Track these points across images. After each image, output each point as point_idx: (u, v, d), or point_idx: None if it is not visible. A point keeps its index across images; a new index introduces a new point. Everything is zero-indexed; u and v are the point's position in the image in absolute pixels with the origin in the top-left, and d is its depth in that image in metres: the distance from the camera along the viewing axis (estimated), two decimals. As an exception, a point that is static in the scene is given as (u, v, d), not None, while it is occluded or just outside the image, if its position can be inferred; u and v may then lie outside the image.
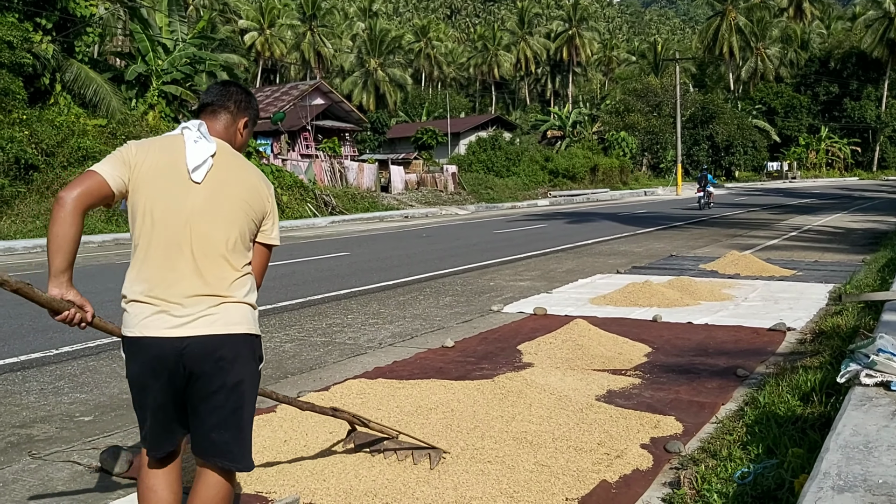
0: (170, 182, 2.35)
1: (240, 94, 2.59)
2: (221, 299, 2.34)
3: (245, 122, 2.60)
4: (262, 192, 2.50)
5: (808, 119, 69.22)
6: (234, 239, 2.38)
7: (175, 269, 2.31)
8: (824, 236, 16.21)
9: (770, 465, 3.24)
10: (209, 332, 2.30)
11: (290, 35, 69.81)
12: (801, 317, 7.04)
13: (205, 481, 2.43)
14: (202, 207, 2.35)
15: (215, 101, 2.55)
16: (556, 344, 5.86)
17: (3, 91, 19.59)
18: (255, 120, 2.64)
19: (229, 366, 2.34)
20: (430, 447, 3.60)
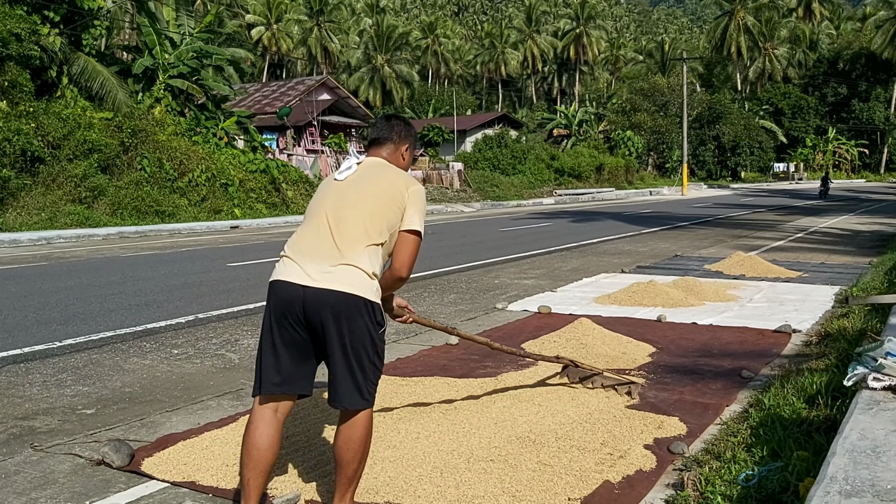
0: (324, 187, 3.07)
1: (399, 126, 3.19)
2: (341, 262, 2.81)
3: (406, 147, 3.20)
4: (396, 188, 2.96)
5: (816, 120, 69.00)
6: (361, 221, 2.87)
7: (313, 239, 2.90)
8: (831, 238, 16.14)
9: (775, 467, 3.21)
10: (323, 286, 2.77)
11: (297, 30, 69.85)
12: (806, 319, 7.00)
13: (341, 419, 2.89)
14: (338, 196, 2.95)
15: (379, 136, 3.17)
16: (560, 343, 5.83)
17: (11, 83, 19.62)
18: (414, 144, 3.25)
19: (336, 319, 2.78)
20: (630, 381, 4.31)
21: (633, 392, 4.09)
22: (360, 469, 2.89)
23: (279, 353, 2.86)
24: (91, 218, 19.25)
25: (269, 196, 25.30)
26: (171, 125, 23.70)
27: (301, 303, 2.79)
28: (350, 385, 2.82)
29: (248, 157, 25.54)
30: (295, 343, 2.86)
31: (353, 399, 2.84)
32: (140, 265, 11.99)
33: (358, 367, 2.82)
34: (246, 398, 4.73)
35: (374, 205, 2.91)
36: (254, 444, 2.85)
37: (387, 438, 3.81)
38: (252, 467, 2.84)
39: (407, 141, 3.19)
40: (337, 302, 2.77)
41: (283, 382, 2.88)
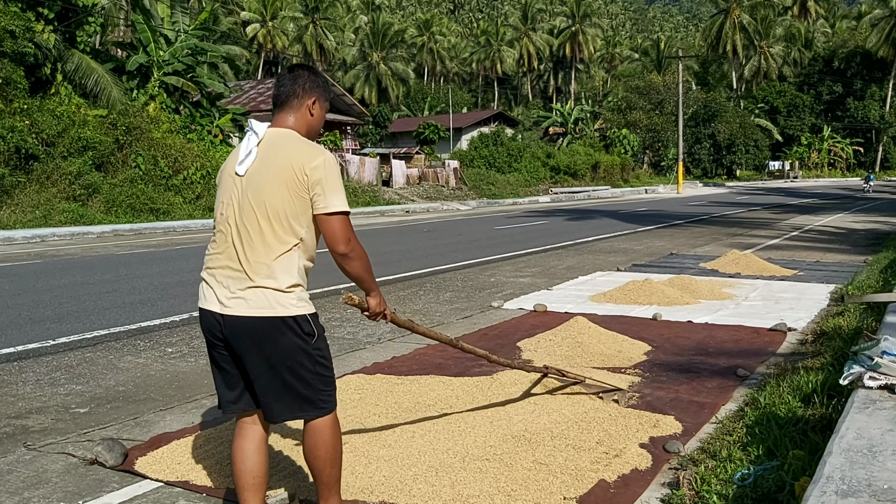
0: (224, 183, 2.72)
1: (303, 76, 2.74)
2: (250, 285, 2.60)
3: (313, 100, 2.74)
4: (292, 170, 2.58)
5: (811, 118, 69.13)
6: (265, 229, 2.59)
7: (222, 256, 2.66)
8: (826, 236, 16.16)
9: (770, 466, 3.21)
10: (236, 314, 2.60)
11: (292, 27, 69.70)
12: (802, 317, 7.00)
13: (303, 430, 2.79)
14: (239, 198, 2.64)
15: (280, 93, 2.75)
16: (556, 341, 5.82)
17: (5, 80, 19.53)
18: (324, 95, 2.78)
19: (258, 344, 2.61)
20: (617, 389, 4.10)
21: (620, 399, 3.97)
22: (334, 472, 2.80)
23: (225, 374, 2.76)
24: (85, 215, 19.18)
25: (265, 194, 25.21)
26: (165, 122, 23.63)
27: (220, 330, 2.65)
28: (292, 400, 2.68)
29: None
30: (234, 364, 2.74)
31: (300, 411, 2.72)
32: (134, 263, 11.95)
33: (297, 381, 2.67)
34: (240, 397, 4.71)
35: (275, 200, 2.58)
36: (240, 468, 2.78)
37: (381, 437, 3.79)
38: (244, 487, 2.78)
39: (313, 93, 2.74)
40: (254, 328, 2.60)
41: (238, 400, 2.78)
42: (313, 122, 2.76)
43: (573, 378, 3.99)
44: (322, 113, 2.79)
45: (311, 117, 2.75)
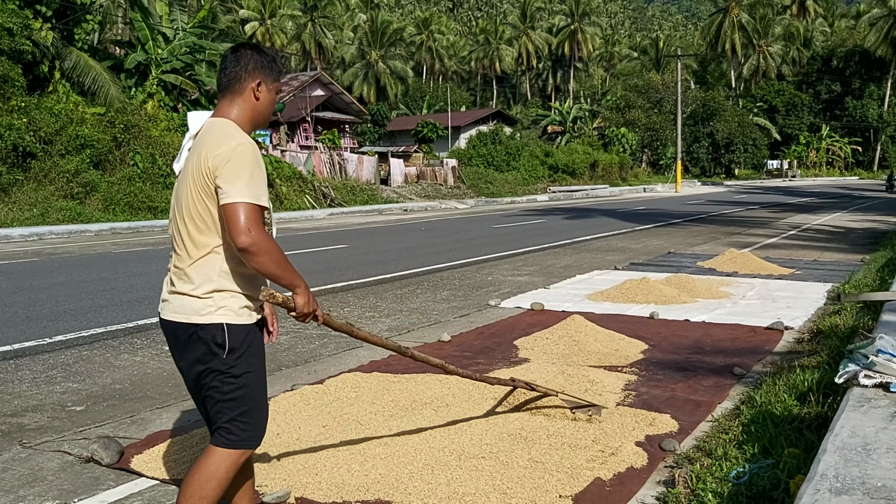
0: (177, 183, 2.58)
1: (247, 56, 2.48)
2: (173, 287, 2.48)
3: (258, 82, 2.48)
4: (200, 163, 2.36)
5: (810, 117, 69.16)
6: (184, 231, 2.44)
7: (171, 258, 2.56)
8: (823, 235, 16.18)
9: (766, 465, 3.21)
10: (164, 317, 2.51)
11: (290, 25, 69.62)
12: (798, 316, 7.01)
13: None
14: (173, 199, 2.53)
15: (222, 75, 2.51)
16: (553, 340, 5.83)
17: (3, 78, 19.50)
18: (273, 76, 2.51)
19: (182, 352, 2.49)
20: (591, 404, 3.85)
21: (594, 416, 3.76)
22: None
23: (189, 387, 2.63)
24: (83, 214, 19.16)
25: (263, 192, 25.22)
26: (163, 120, 23.61)
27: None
28: (213, 422, 2.51)
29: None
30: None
31: (211, 433, 2.54)
32: (132, 261, 11.95)
33: (207, 399, 2.48)
34: (237, 395, 4.71)
35: (188, 200, 2.41)
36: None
37: (378, 435, 3.79)
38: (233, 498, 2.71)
39: (257, 74, 2.47)
40: (173, 332, 2.48)
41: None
42: (259, 107, 2.49)
43: (543, 391, 3.75)
44: (270, 96, 2.51)
45: (257, 101, 2.48)
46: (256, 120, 2.50)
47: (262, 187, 2.33)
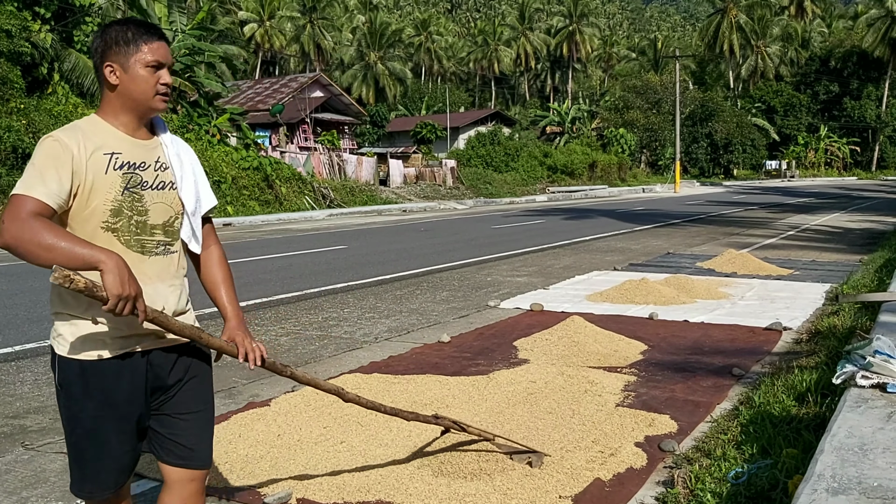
0: None
1: (96, 42, 2.10)
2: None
3: (109, 67, 2.06)
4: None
5: (808, 118, 69.23)
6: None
7: None
8: (822, 236, 16.21)
9: (764, 465, 3.23)
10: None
11: (289, 27, 69.66)
12: (797, 316, 7.03)
13: None
14: None
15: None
16: (553, 340, 5.85)
17: (2, 80, 19.51)
18: (126, 52, 2.04)
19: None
20: (531, 451, 3.52)
21: (534, 463, 3.44)
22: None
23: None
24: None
25: (262, 193, 25.27)
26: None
27: None
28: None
29: (240, 155, 25.49)
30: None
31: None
32: (132, 263, 11.94)
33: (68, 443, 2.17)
34: (238, 396, 4.73)
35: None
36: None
37: (378, 437, 3.82)
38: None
39: (107, 56, 2.06)
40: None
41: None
42: (124, 91, 2.05)
43: (477, 435, 3.46)
44: (129, 75, 2.04)
45: (119, 86, 2.04)
46: (129, 106, 2.07)
47: (40, 178, 1.94)
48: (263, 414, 4.18)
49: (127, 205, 2.06)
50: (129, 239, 2.08)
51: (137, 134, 2.14)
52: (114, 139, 2.08)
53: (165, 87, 2.09)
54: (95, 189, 2.01)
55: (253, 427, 3.97)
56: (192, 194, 2.24)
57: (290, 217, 23.08)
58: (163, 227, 2.16)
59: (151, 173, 2.13)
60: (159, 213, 2.14)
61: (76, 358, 2.05)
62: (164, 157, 2.19)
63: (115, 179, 2.04)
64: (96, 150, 2.03)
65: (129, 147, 2.09)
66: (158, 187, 2.15)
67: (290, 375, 2.49)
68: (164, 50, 2.11)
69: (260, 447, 3.70)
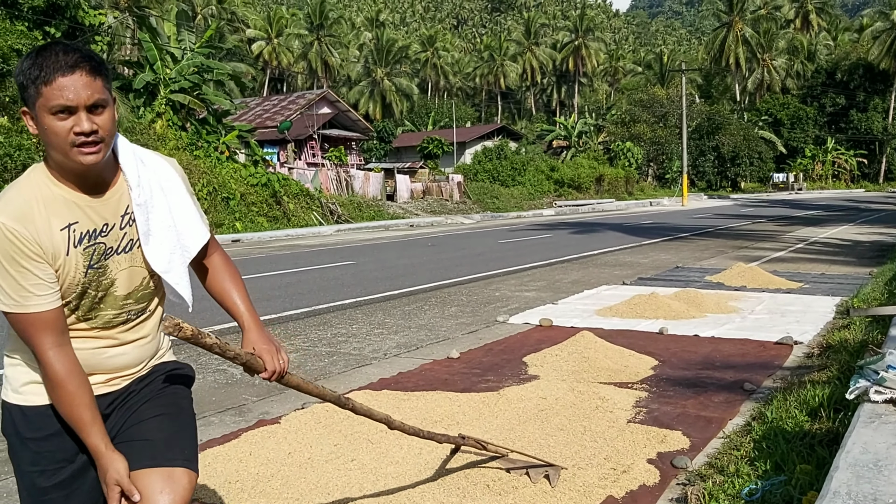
0: None
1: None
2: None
3: (24, 112, 1.73)
4: None
5: (815, 130, 69.19)
6: None
7: None
8: (831, 248, 16.15)
9: (778, 481, 3.21)
10: None
11: (297, 44, 70.21)
12: (808, 330, 6.99)
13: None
14: None
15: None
16: (562, 356, 5.83)
17: (12, 99, 19.70)
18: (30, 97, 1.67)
19: None
20: (548, 464, 3.48)
21: (552, 478, 3.40)
22: None
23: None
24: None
25: (271, 209, 25.37)
26: (172, 140, 23.78)
27: None
28: None
29: (249, 171, 25.63)
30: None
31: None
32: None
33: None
34: (248, 414, 4.73)
35: None
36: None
37: (389, 454, 3.81)
38: None
39: (24, 102, 1.71)
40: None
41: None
42: (44, 137, 1.68)
43: (494, 451, 3.41)
44: (40, 120, 1.67)
45: (38, 132, 1.70)
46: (51, 153, 1.71)
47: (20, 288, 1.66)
48: (274, 431, 4.17)
49: (93, 284, 1.75)
50: (93, 317, 1.79)
51: (95, 188, 1.74)
52: (64, 204, 1.70)
53: (82, 136, 1.64)
54: (62, 276, 1.71)
55: (263, 445, 3.97)
56: (163, 250, 1.85)
57: (298, 233, 23.13)
58: (135, 293, 1.85)
59: (116, 234, 1.77)
60: (129, 280, 1.82)
61: (21, 405, 1.81)
62: (131, 205, 1.80)
63: (77, 259, 1.71)
64: (51, 225, 1.68)
65: (84, 210, 1.72)
66: (126, 249, 1.79)
67: (351, 408, 2.36)
68: (76, 86, 1.63)
69: (271, 465, 3.69)
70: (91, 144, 1.66)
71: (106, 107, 1.69)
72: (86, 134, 1.64)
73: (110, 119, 1.70)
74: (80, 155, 1.66)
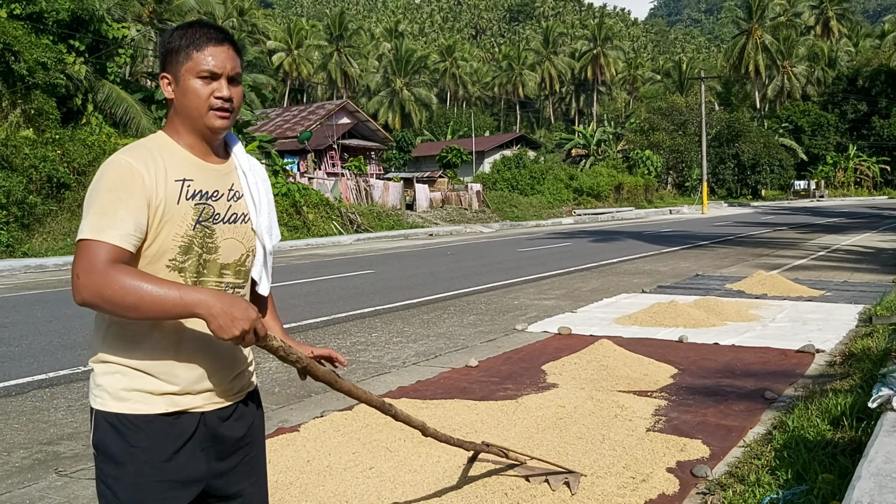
0: None
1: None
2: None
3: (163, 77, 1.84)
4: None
5: (836, 137, 68.47)
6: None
7: None
8: (853, 256, 15.96)
9: (800, 491, 3.18)
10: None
11: (317, 55, 70.71)
12: (830, 338, 6.92)
13: None
14: None
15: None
16: (581, 364, 5.81)
17: (37, 111, 20.01)
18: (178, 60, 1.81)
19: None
20: (568, 471, 3.45)
21: (572, 485, 3.37)
22: None
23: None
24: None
25: (291, 219, 25.51)
26: (192, 150, 23.99)
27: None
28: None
29: (269, 181, 25.76)
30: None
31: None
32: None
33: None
34: (267, 422, 4.74)
35: None
36: None
37: (407, 462, 3.81)
38: None
39: (160, 65, 1.86)
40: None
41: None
42: (178, 106, 1.81)
43: (516, 458, 3.41)
44: (181, 87, 1.80)
45: (174, 98, 1.82)
46: (188, 124, 1.82)
47: (110, 216, 1.67)
48: (293, 439, 4.19)
49: (198, 241, 1.78)
50: (196, 281, 1.79)
51: (208, 156, 1.86)
52: (183, 162, 1.80)
53: (221, 100, 1.78)
54: (166, 222, 1.73)
55: (282, 453, 3.99)
56: (268, 229, 1.95)
57: (318, 242, 23.24)
58: (233, 266, 1.86)
59: (224, 204, 1.84)
60: (230, 251, 1.85)
61: (119, 412, 1.74)
62: (238, 184, 1.90)
63: (187, 211, 1.76)
64: (167, 175, 1.75)
65: (199, 172, 1.82)
66: (230, 220, 1.85)
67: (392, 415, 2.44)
68: (223, 56, 1.79)
69: (290, 473, 3.71)
70: (225, 111, 1.81)
71: (240, 83, 1.87)
72: (224, 99, 1.79)
73: (241, 94, 1.87)
74: (214, 118, 1.80)
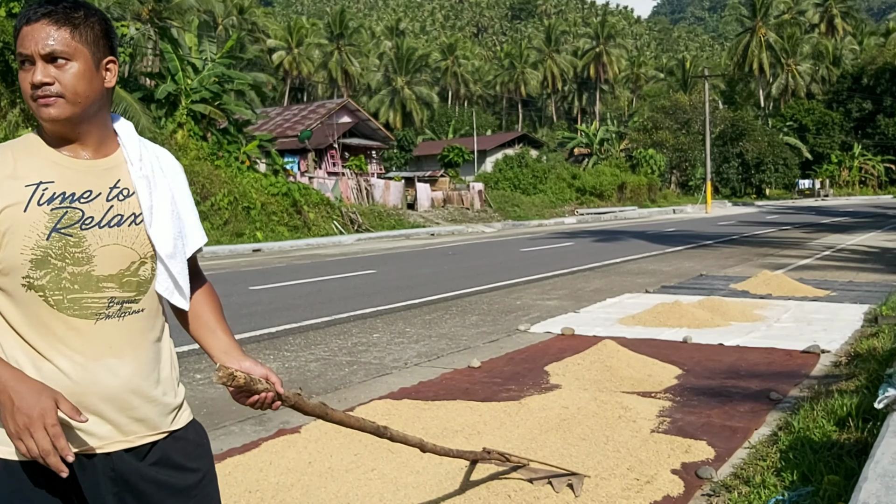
0: None
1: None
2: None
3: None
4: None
5: (841, 136, 68.36)
6: None
7: None
8: (858, 256, 15.91)
9: (805, 492, 3.14)
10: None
11: (317, 54, 70.74)
12: (835, 339, 6.88)
13: None
14: None
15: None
16: (585, 365, 5.77)
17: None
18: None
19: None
20: (570, 473, 3.43)
21: (575, 487, 3.34)
22: None
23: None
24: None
25: (291, 219, 25.49)
26: (193, 150, 24.00)
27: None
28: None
29: (269, 181, 25.79)
30: None
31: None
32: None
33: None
34: (268, 423, 4.72)
35: None
36: None
37: (410, 464, 3.78)
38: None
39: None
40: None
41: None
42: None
43: (517, 462, 3.38)
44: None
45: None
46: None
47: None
48: (294, 441, 4.16)
49: (55, 252, 1.52)
50: (62, 298, 1.53)
51: (81, 151, 1.60)
52: (44, 163, 1.57)
53: (32, 88, 1.52)
54: (12, 234, 1.50)
55: (284, 454, 3.96)
56: (168, 230, 1.66)
57: (318, 242, 23.22)
58: (118, 277, 1.59)
59: (101, 205, 1.58)
60: (111, 260, 1.58)
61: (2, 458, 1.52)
62: (126, 179, 1.63)
63: (37, 218, 1.52)
64: (16, 181, 1.53)
65: (65, 172, 1.57)
66: (112, 223, 1.58)
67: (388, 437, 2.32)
68: (35, 35, 1.51)
69: (291, 475, 3.68)
70: (46, 97, 1.51)
71: (70, 60, 1.52)
72: (35, 85, 1.51)
73: (76, 75, 1.53)
74: (38, 108, 1.53)
